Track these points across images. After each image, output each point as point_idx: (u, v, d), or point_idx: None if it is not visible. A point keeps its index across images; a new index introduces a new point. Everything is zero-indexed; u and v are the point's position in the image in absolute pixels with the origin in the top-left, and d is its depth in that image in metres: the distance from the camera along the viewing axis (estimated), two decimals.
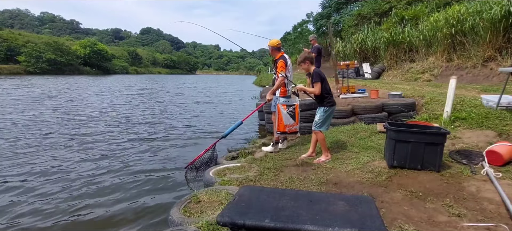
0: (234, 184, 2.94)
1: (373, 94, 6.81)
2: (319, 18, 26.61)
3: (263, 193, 1.70)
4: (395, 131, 3.01)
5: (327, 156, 3.56)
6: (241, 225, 1.37)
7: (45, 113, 9.28)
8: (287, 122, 3.73)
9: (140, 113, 9.98)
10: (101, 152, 5.22)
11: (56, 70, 48.45)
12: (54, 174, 4.14)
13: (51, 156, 4.92)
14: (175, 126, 7.87)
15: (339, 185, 2.79)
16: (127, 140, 6.15)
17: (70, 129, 7.10)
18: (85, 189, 3.67)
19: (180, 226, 2.15)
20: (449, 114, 4.40)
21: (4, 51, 46.07)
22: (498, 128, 3.82)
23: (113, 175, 4.16)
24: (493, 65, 8.86)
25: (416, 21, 13.69)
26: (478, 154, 3.26)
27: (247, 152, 4.66)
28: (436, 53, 11.50)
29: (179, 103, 13.36)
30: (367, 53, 16.74)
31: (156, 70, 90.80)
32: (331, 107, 3.56)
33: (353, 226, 1.31)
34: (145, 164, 4.68)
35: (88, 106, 11.13)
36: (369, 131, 4.70)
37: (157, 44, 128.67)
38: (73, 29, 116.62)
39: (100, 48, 63.19)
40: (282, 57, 4.11)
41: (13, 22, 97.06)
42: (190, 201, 2.57)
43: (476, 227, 1.95)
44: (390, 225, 2.00)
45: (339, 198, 1.63)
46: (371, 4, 19.49)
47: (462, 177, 2.77)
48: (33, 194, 3.51)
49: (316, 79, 3.45)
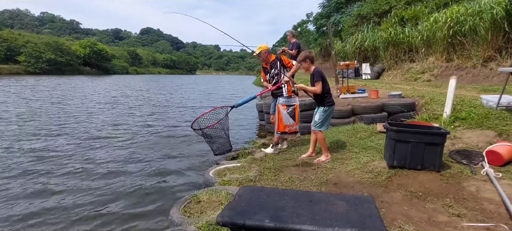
0: (234, 184, 2.94)
1: (373, 95, 6.81)
2: (319, 18, 26.58)
3: (263, 193, 1.70)
4: (395, 131, 3.01)
5: (327, 156, 3.56)
6: (241, 225, 1.37)
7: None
8: (287, 122, 3.72)
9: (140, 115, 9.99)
10: (97, 153, 5.22)
11: (56, 70, 48.47)
12: (53, 171, 4.14)
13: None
14: (175, 126, 7.87)
15: (339, 185, 2.79)
16: (125, 140, 6.15)
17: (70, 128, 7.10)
18: (85, 189, 3.66)
19: (180, 226, 2.15)
20: (448, 114, 4.40)
21: (4, 51, 46.08)
22: (498, 128, 3.82)
23: (112, 175, 4.16)
24: (493, 65, 8.85)
25: (416, 21, 13.67)
26: (478, 154, 3.25)
27: (247, 152, 4.66)
28: (436, 53, 11.50)
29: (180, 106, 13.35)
30: (367, 53, 16.74)
31: (156, 70, 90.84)
32: (331, 107, 3.56)
33: (353, 226, 1.31)
34: (144, 164, 4.68)
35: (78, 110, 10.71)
36: (369, 131, 4.70)
37: (157, 44, 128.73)
38: (73, 29, 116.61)
39: (100, 48, 63.22)
40: (277, 57, 4.22)
41: (13, 22, 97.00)
42: (190, 201, 2.57)
43: (476, 227, 1.95)
44: (390, 225, 2.00)
45: (339, 198, 1.63)
46: (371, 4, 19.47)
47: (462, 177, 2.77)
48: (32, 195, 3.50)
49: (318, 78, 3.45)
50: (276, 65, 4.19)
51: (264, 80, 4.43)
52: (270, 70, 4.27)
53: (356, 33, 18.24)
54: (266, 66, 4.33)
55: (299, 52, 6.60)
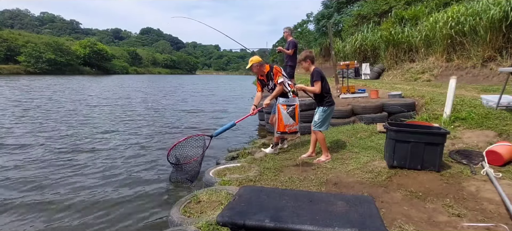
0: (234, 184, 2.94)
1: (373, 95, 6.81)
2: (321, 18, 26.61)
3: (263, 193, 1.70)
4: (395, 131, 3.01)
5: (327, 156, 3.56)
6: (241, 225, 1.37)
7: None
8: (287, 122, 3.72)
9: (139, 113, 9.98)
10: (97, 153, 5.22)
11: (56, 70, 48.52)
12: (51, 171, 4.13)
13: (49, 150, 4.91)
14: (175, 127, 7.87)
15: (339, 185, 2.79)
16: (122, 142, 6.15)
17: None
18: (82, 189, 3.66)
19: (180, 226, 2.14)
20: (448, 114, 4.40)
21: (4, 51, 46.11)
22: (498, 128, 3.82)
23: (111, 175, 4.16)
24: (493, 65, 8.86)
25: (416, 21, 13.68)
26: (478, 154, 3.26)
27: (247, 152, 4.66)
28: (436, 53, 11.50)
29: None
30: (367, 53, 16.75)
31: (156, 70, 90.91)
32: (330, 107, 3.56)
33: (353, 226, 1.31)
34: (144, 164, 4.67)
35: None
36: (369, 131, 4.70)
37: (157, 44, 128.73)
38: (73, 29, 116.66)
39: (100, 48, 63.27)
40: (271, 67, 4.05)
41: (13, 22, 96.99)
42: (190, 201, 2.57)
43: (476, 227, 1.95)
44: (390, 225, 2.00)
45: (339, 198, 1.63)
46: (371, 4, 19.49)
47: (462, 177, 2.77)
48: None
49: (317, 78, 3.45)
50: (272, 77, 4.03)
51: (258, 91, 4.24)
52: (267, 82, 4.12)
53: (356, 33, 18.26)
54: (262, 78, 4.14)
55: (296, 51, 6.46)
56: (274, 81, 4.02)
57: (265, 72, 4.09)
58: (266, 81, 4.15)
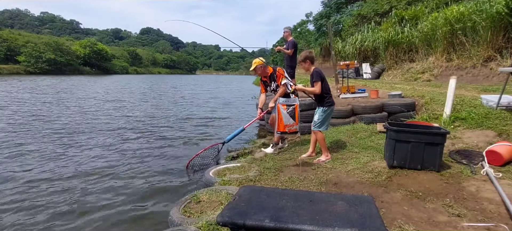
0: (234, 184, 2.94)
1: (373, 94, 6.81)
2: (319, 18, 26.60)
3: (263, 193, 1.70)
4: (395, 131, 3.01)
5: (327, 156, 3.56)
6: (241, 225, 1.37)
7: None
8: (287, 122, 3.73)
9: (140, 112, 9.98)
10: (97, 151, 5.22)
11: (56, 70, 48.53)
12: (51, 170, 4.14)
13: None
14: (175, 127, 7.87)
15: (339, 185, 2.79)
16: (124, 140, 6.15)
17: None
18: (82, 190, 3.66)
19: (180, 226, 2.14)
20: (448, 114, 4.40)
21: (4, 51, 46.13)
22: (498, 128, 3.82)
23: (111, 175, 4.16)
24: (493, 65, 8.85)
25: (416, 21, 13.68)
26: (478, 154, 3.26)
27: (247, 152, 4.66)
28: (436, 53, 11.50)
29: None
30: (367, 53, 16.75)
31: (156, 70, 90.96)
32: (330, 107, 3.56)
33: (353, 226, 1.31)
34: (143, 164, 4.67)
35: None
36: (369, 131, 4.70)
37: (157, 44, 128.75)
38: (73, 29, 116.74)
39: (100, 48, 63.32)
40: (274, 69, 4.20)
41: (13, 22, 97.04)
42: (190, 201, 2.56)
43: (476, 227, 1.95)
44: (390, 225, 2.00)
45: (339, 198, 1.63)
46: (371, 4, 19.48)
47: (462, 177, 2.77)
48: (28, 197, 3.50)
49: (317, 79, 3.45)
50: (275, 78, 4.19)
51: (262, 93, 4.45)
52: (270, 83, 4.29)
53: (356, 33, 18.24)
54: (265, 79, 4.33)
55: (296, 51, 6.48)
56: (277, 82, 4.15)
57: (268, 74, 4.23)
58: (269, 83, 4.29)
